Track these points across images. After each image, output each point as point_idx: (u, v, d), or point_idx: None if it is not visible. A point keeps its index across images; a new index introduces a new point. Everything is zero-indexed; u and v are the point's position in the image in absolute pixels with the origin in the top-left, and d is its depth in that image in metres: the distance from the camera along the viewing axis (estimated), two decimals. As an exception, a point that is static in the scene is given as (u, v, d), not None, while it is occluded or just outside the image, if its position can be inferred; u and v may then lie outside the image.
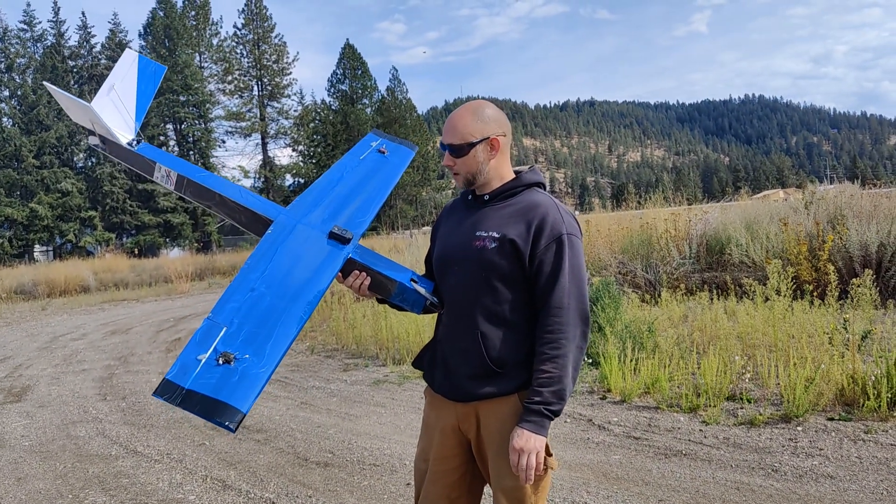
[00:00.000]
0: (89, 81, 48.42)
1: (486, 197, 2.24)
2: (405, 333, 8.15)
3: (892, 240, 8.90)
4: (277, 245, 2.29)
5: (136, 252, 43.83)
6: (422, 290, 2.26)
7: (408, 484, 4.16)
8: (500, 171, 2.24)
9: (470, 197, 2.31)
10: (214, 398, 1.80)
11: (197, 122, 52.43)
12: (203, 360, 1.88)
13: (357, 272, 2.27)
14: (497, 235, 2.13)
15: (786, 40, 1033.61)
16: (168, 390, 1.81)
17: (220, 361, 1.89)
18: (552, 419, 2.07)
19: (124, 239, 49.12)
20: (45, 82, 3.50)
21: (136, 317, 15.51)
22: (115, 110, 2.74)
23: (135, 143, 2.75)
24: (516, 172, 2.28)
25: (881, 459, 3.95)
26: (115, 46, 50.34)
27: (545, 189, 2.29)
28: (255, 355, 1.93)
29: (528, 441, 2.04)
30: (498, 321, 2.12)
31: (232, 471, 4.59)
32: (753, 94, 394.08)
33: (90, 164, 48.62)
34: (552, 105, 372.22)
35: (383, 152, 2.84)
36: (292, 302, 2.11)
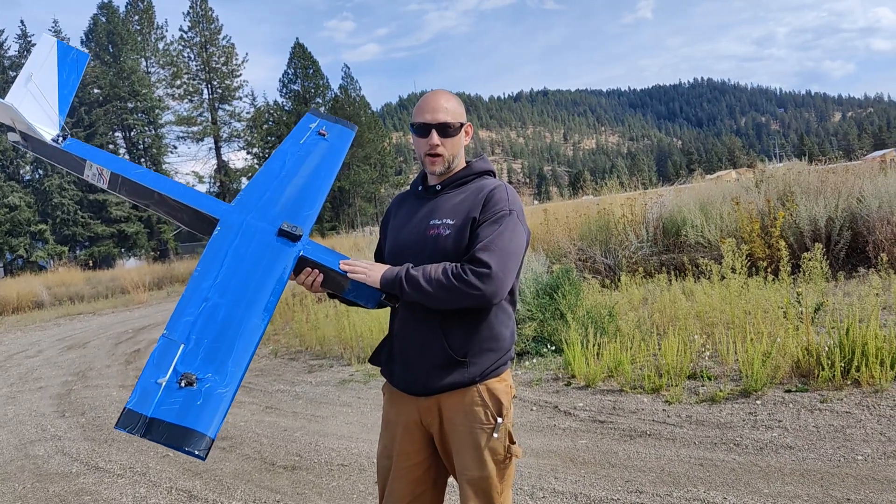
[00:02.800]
0: (32, 91, 46.99)
1: (438, 187, 2.24)
2: (368, 332, 8.11)
3: (839, 214, 9.14)
4: (226, 247, 2.21)
5: (91, 264, 42.80)
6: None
7: (376, 482, 4.13)
8: (462, 159, 2.26)
9: (420, 188, 2.31)
10: (180, 425, 1.71)
11: (147, 128, 51.37)
12: (163, 384, 1.79)
13: (309, 269, 2.21)
14: (451, 222, 2.12)
15: (729, 24, 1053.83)
16: (130, 421, 1.72)
17: (182, 384, 1.80)
18: (399, 282, 2.06)
19: (77, 251, 47.93)
20: None
21: (93, 330, 15.15)
22: (34, 103, 2.50)
23: (60, 139, 2.53)
24: (467, 162, 2.29)
25: (837, 427, 4.06)
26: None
27: (495, 177, 2.29)
28: (217, 373, 1.86)
29: (375, 271, 2.12)
30: (457, 309, 2.09)
31: (198, 480, 4.52)
32: (702, 78, 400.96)
33: (38, 175, 47.28)
34: (506, 96, 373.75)
35: (323, 134, 2.77)
36: (248, 309, 2.04)
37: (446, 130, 2.15)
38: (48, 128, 2.53)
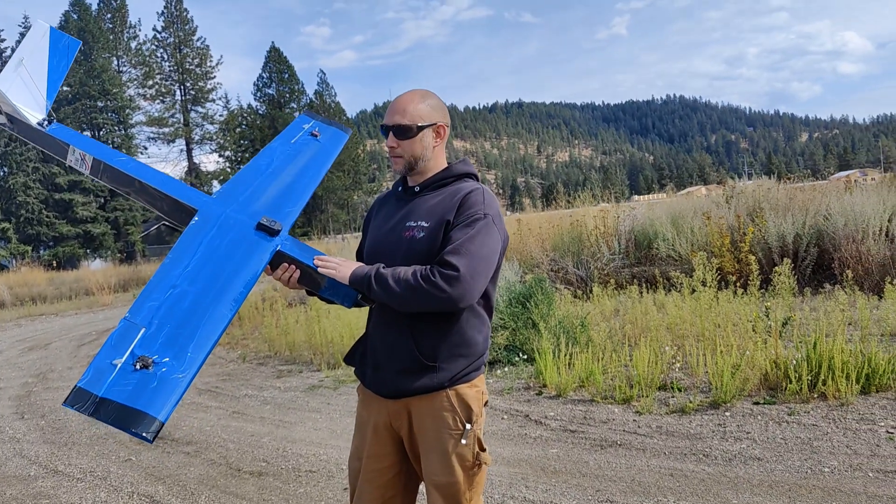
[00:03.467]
0: (-1, 87, 46.07)
1: (417, 188, 2.22)
2: (339, 337, 8.04)
3: (806, 230, 9.29)
4: (201, 237, 2.17)
5: (54, 264, 41.86)
6: None
7: (345, 489, 4.08)
8: (438, 161, 2.24)
9: (400, 189, 2.29)
10: (130, 406, 1.68)
11: (116, 128, 50.55)
12: (119, 365, 1.75)
13: (286, 265, 2.18)
14: (426, 224, 2.10)
15: (702, 42, 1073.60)
16: (80, 399, 1.68)
17: (138, 366, 1.76)
18: (368, 281, 2.04)
19: (41, 251, 46.94)
20: None
21: (56, 331, 14.82)
22: (24, 87, 2.52)
23: (45, 123, 2.55)
24: (449, 164, 2.27)
25: (804, 440, 4.10)
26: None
27: (477, 180, 2.27)
28: (176, 358, 1.81)
29: (347, 265, 2.11)
30: (428, 312, 2.06)
31: (160, 486, 4.41)
32: (674, 95, 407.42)
33: (2, 173, 46.29)
34: (481, 107, 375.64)
35: (316, 135, 2.74)
36: (217, 299, 2.00)
37: (401, 132, 2.14)
38: (35, 111, 2.54)
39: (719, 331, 6.09)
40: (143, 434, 1.66)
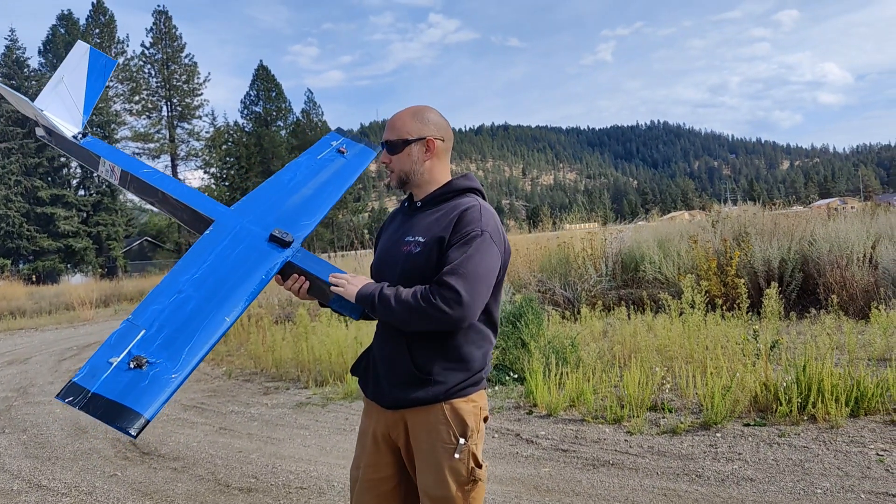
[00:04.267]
0: (-17, 99, 45.75)
1: (419, 203, 2.24)
2: (327, 354, 7.99)
3: (792, 256, 9.40)
4: (213, 246, 2.22)
5: (34, 279, 41.37)
6: None
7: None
8: (436, 175, 2.24)
9: (406, 204, 2.32)
10: (119, 402, 1.73)
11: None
12: (115, 364, 1.81)
13: (296, 276, 2.24)
14: (422, 240, 2.12)
15: (685, 70, 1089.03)
16: (72, 393, 1.74)
17: (132, 365, 1.82)
18: (371, 299, 2.06)
19: (20, 265, 46.36)
20: None
21: (36, 346, 14.60)
22: (62, 103, 2.69)
23: (80, 136, 2.70)
24: (451, 180, 2.28)
25: (796, 461, 4.12)
26: (12, 63, 47.88)
27: (483, 196, 2.28)
28: (169, 360, 1.86)
29: (355, 282, 2.14)
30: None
31: (148, 501, 4.34)
32: (658, 121, 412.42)
33: (-17, 186, 45.80)
34: (467, 129, 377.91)
35: (343, 152, 2.80)
36: (219, 306, 2.04)
37: (391, 147, 2.22)
38: (71, 125, 2.71)
39: (708, 353, 6.12)
40: (128, 429, 1.71)
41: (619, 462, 4.39)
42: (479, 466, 2.13)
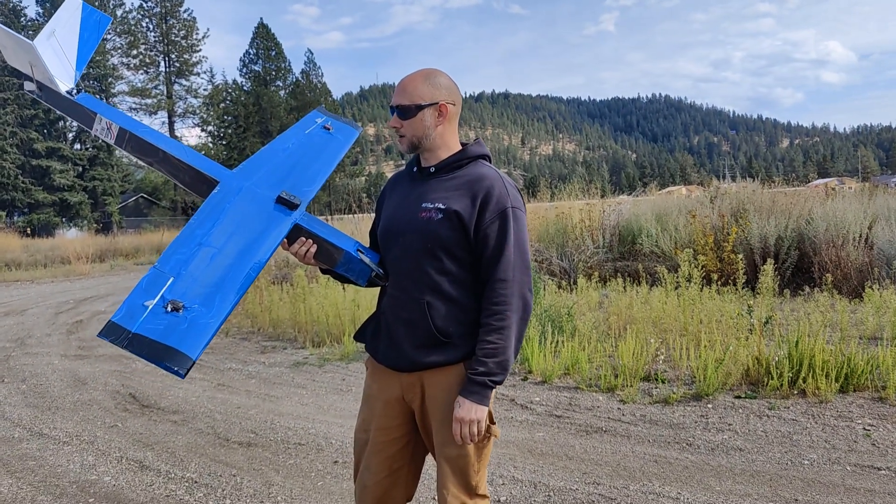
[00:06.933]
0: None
1: (432, 169, 2.24)
2: (325, 316, 8.06)
3: (788, 233, 9.46)
4: (225, 204, 2.23)
5: (28, 231, 41.25)
6: (367, 260, 2.25)
7: (335, 462, 4.13)
8: (447, 140, 2.24)
9: (415, 169, 2.31)
10: (164, 343, 1.78)
11: (98, 96, 49.76)
12: (150, 307, 1.85)
13: (303, 239, 2.23)
14: (443, 207, 2.13)
15: (688, 44, 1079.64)
16: (113, 332, 1.78)
17: (169, 308, 1.86)
18: (494, 389, 2.10)
19: (15, 217, 46.19)
20: None
21: (32, 298, 14.65)
22: (55, 57, 2.59)
23: (74, 91, 2.63)
24: (463, 145, 2.29)
25: (784, 433, 4.22)
26: (9, 13, 47.14)
27: (490, 162, 2.31)
28: (204, 305, 1.91)
29: (469, 411, 2.07)
30: (443, 291, 2.13)
31: (149, 452, 4.43)
32: (660, 94, 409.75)
33: (-22, 136, 45.42)
34: (467, 96, 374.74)
35: (328, 129, 2.81)
36: (239, 260, 2.07)
37: (403, 112, 2.19)
38: (65, 81, 2.63)
39: (703, 326, 6.20)
40: (176, 369, 1.77)
41: (611, 429, 4.49)
42: (493, 423, 2.19)
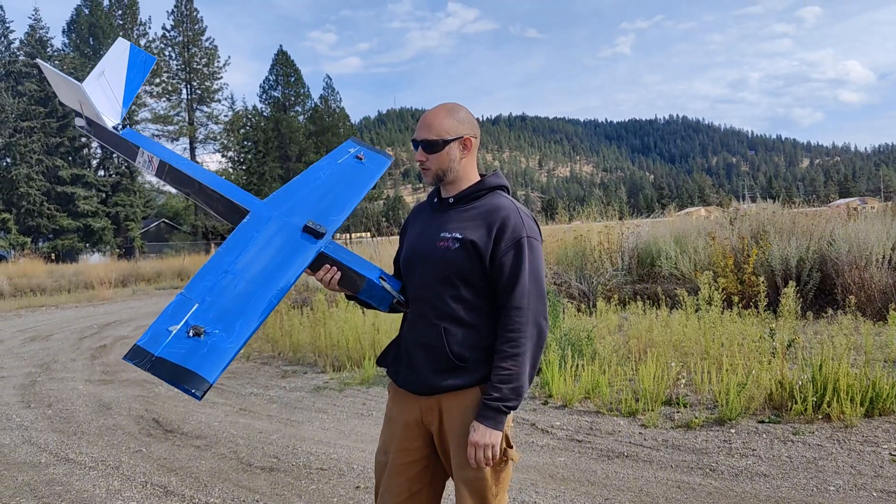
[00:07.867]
0: (6, 78, 46.13)
1: (451, 200, 2.31)
2: (345, 340, 8.10)
3: (810, 255, 9.39)
4: (253, 233, 2.34)
5: (53, 257, 41.85)
6: (388, 287, 2.31)
7: (357, 487, 4.14)
8: (468, 172, 2.32)
9: (436, 200, 2.38)
10: (184, 366, 1.88)
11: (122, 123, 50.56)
12: (174, 332, 1.95)
13: (328, 266, 2.32)
14: (459, 237, 2.20)
15: (705, 65, 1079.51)
16: (138, 355, 1.89)
17: (191, 334, 1.96)
18: (508, 414, 2.13)
19: (40, 243, 46.91)
20: (38, 60, 3.55)
21: (57, 323, 14.85)
22: (103, 95, 2.78)
23: (120, 127, 2.81)
24: (481, 176, 2.36)
25: (809, 459, 4.17)
26: (36, 43, 48.20)
27: (508, 192, 2.36)
28: (225, 331, 2.00)
29: (484, 436, 2.10)
30: (459, 318, 2.19)
31: (173, 477, 4.47)
32: (677, 115, 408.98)
33: (4, 164, 46.31)
34: (484, 119, 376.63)
35: (360, 159, 2.90)
36: (264, 286, 2.16)
37: (429, 147, 2.26)
38: (111, 117, 2.82)
39: (724, 350, 6.16)
40: (194, 391, 1.87)
41: (633, 454, 4.46)
42: (511, 447, 2.22)
